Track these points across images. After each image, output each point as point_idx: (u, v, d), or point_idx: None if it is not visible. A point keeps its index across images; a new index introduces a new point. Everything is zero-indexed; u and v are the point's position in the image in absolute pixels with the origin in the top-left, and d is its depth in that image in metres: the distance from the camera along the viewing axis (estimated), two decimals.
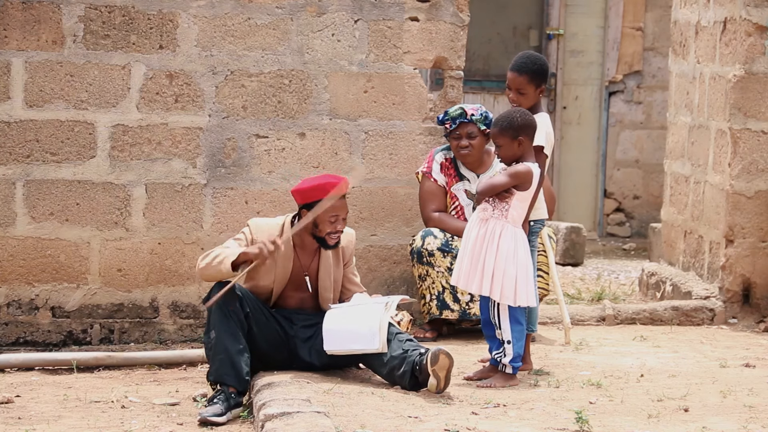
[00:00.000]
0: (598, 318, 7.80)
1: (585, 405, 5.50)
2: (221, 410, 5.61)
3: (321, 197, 5.99)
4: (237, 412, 5.69)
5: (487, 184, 5.96)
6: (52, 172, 7.23)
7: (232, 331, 5.85)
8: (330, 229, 6.07)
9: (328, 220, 6.05)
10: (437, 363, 5.65)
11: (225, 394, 5.69)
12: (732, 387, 5.93)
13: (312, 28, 7.40)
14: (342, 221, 6.10)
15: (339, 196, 6.01)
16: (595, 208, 13.09)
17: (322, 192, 6.01)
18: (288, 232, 6.07)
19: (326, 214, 6.03)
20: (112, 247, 7.29)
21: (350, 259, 6.33)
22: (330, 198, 5.97)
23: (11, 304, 7.24)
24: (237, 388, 5.76)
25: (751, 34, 7.75)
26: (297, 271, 6.15)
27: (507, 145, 5.94)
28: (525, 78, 6.18)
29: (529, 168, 5.93)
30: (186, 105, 7.31)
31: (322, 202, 5.97)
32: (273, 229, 6.14)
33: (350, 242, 6.32)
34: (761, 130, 7.79)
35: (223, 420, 5.59)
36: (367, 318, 5.91)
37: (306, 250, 6.19)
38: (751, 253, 7.83)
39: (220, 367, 5.79)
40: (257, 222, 6.23)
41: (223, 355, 5.80)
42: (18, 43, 7.16)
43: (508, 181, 5.92)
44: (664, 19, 12.54)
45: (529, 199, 5.98)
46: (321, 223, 6.06)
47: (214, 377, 5.82)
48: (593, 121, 13.10)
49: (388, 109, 7.51)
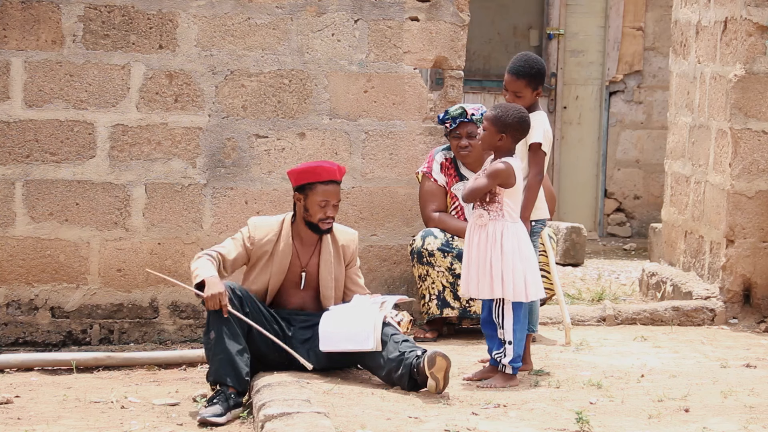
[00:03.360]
0: (599, 318, 7.79)
1: (585, 405, 5.49)
2: (221, 411, 5.60)
3: (312, 180, 6.08)
4: (237, 412, 5.68)
5: (470, 189, 5.95)
6: (52, 172, 7.23)
7: (231, 332, 5.84)
8: (320, 214, 6.11)
9: (318, 204, 6.09)
10: (434, 365, 5.63)
11: (224, 395, 5.68)
12: (733, 387, 5.92)
13: (312, 28, 7.39)
14: (332, 207, 6.13)
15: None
16: (596, 208, 13.08)
17: (314, 175, 6.09)
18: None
19: (316, 198, 6.08)
20: (111, 247, 7.28)
21: (352, 259, 6.33)
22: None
23: (11, 305, 7.24)
24: (237, 388, 5.75)
25: (752, 33, 7.74)
26: (295, 268, 6.16)
27: (489, 133, 5.94)
28: (523, 82, 6.18)
29: (508, 164, 5.91)
30: (186, 105, 7.31)
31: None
32: (271, 227, 6.17)
33: (352, 242, 6.32)
34: (762, 130, 7.78)
35: (223, 420, 5.59)
36: (362, 318, 5.92)
37: (305, 244, 6.20)
38: (751, 254, 7.82)
39: (219, 368, 5.79)
40: (256, 221, 6.26)
41: (222, 355, 5.80)
42: (17, 42, 7.15)
43: (489, 182, 5.90)
44: (664, 18, 12.54)
45: (518, 192, 5.97)
46: (311, 207, 6.10)
47: (213, 378, 5.81)
48: (593, 120, 13.10)
49: (388, 109, 7.50)
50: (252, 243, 6.15)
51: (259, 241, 6.16)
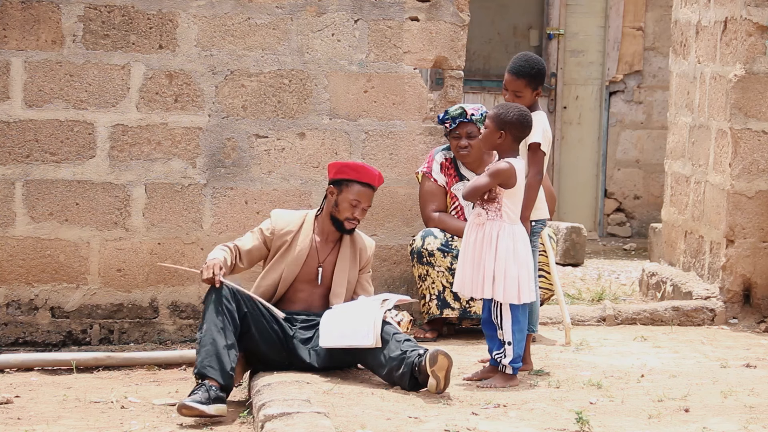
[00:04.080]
0: (599, 318, 7.79)
1: (585, 405, 5.49)
2: (201, 399, 5.53)
3: (352, 177, 6.19)
4: (221, 408, 5.58)
5: (471, 187, 5.95)
6: (52, 172, 7.23)
7: (222, 326, 5.81)
8: (349, 213, 6.20)
9: (350, 203, 6.18)
10: (436, 364, 5.63)
11: (205, 387, 5.60)
12: (733, 387, 5.92)
13: (312, 28, 7.39)
14: (362, 210, 6.22)
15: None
16: (596, 208, 13.08)
17: (355, 173, 6.20)
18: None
19: (349, 196, 6.17)
20: (111, 247, 7.28)
21: (367, 264, 6.38)
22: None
23: (11, 305, 7.24)
24: (219, 381, 5.66)
25: (752, 33, 7.74)
26: (312, 262, 6.19)
27: (490, 131, 5.94)
28: (522, 82, 6.18)
29: (510, 164, 5.91)
30: (186, 105, 7.31)
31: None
32: (294, 220, 6.28)
33: (370, 248, 6.41)
34: (762, 130, 7.78)
35: (208, 410, 5.50)
36: (362, 314, 5.93)
37: (325, 240, 6.25)
38: (751, 254, 7.82)
39: (204, 359, 5.72)
40: (279, 212, 6.37)
41: (209, 346, 5.74)
42: (17, 42, 7.15)
43: (490, 181, 5.89)
44: (664, 18, 12.55)
45: (518, 193, 5.96)
46: (341, 203, 6.19)
47: (197, 370, 5.73)
48: (593, 120, 13.10)
49: (388, 109, 7.50)
50: (272, 233, 6.22)
51: (280, 230, 6.23)
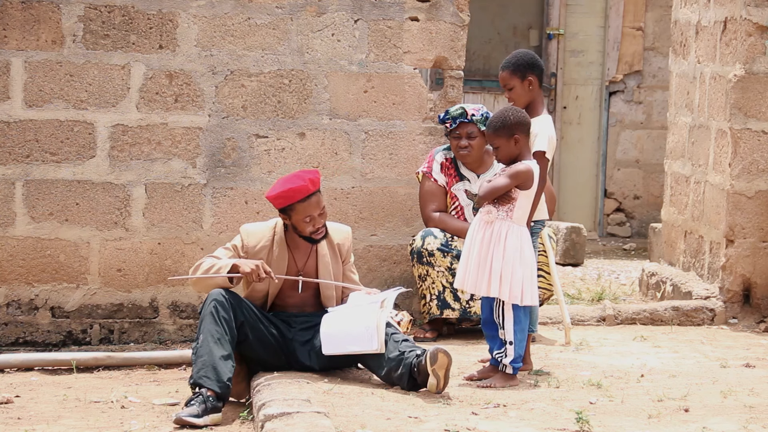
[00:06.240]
0: (599, 318, 7.79)
1: (585, 405, 5.49)
2: (197, 411, 5.50)
3: (289, 202, 5.97)
4: (216, 418, 5.56)
5: (489, 188, 5.92)
6: (52, 172, 7.23)
7: (219, 337, 5.76)
8: (309, 228, 6.03)
9: (304, 221, 6.01)
10: (436, 362, 5.63)
11: (202, 397, 5.57)
12: (732, 387, 5.92)
13: (312, 28, 7.39)
14: (318, 217, 6.03)
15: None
16: (596, 208, 13.09)
17: (288, 199, 5.97)
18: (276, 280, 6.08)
19: (299, 216, 5.99)
20: (111, 247, 7.28)
21: (347, 255, 6.28)
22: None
23: (11, 304, 7.24)
24: (216, 391, 5.63)
25: (752, 33, 7.74)
26: (291, 272, 6.11)
27: (504, 145, 5.93)
28: (506, 73, 6.21)
29: (529, 166, 5.92)
30: (186, 105, 7.31)
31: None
32: (264, 234, 6.10)
33: (346, 239, 6.26)
34: (762, 130, 7.78)
35: (200, 422, 5.48)
36: (364, 319, 5.89)
37: (300, 249, 6.15)
38: (751, 254, 7.82)
39: (200, 369, 5.68)
40: (248, 228, 6.17)
41: (206, 357, 5.71)
42: (17, 42, 7.15)
43: (509, 182, 5.90)
44: (664, 18, 12.55)
45: (532, 196, 5.97)
46: (297, 224, 6.03)
47: (194, 380, 5.70)
48: (593, 120, 13.10)
49: (388, 109, 7.50)
50: (246, 252, 6.06)
51: (253, 248, 6.06)
